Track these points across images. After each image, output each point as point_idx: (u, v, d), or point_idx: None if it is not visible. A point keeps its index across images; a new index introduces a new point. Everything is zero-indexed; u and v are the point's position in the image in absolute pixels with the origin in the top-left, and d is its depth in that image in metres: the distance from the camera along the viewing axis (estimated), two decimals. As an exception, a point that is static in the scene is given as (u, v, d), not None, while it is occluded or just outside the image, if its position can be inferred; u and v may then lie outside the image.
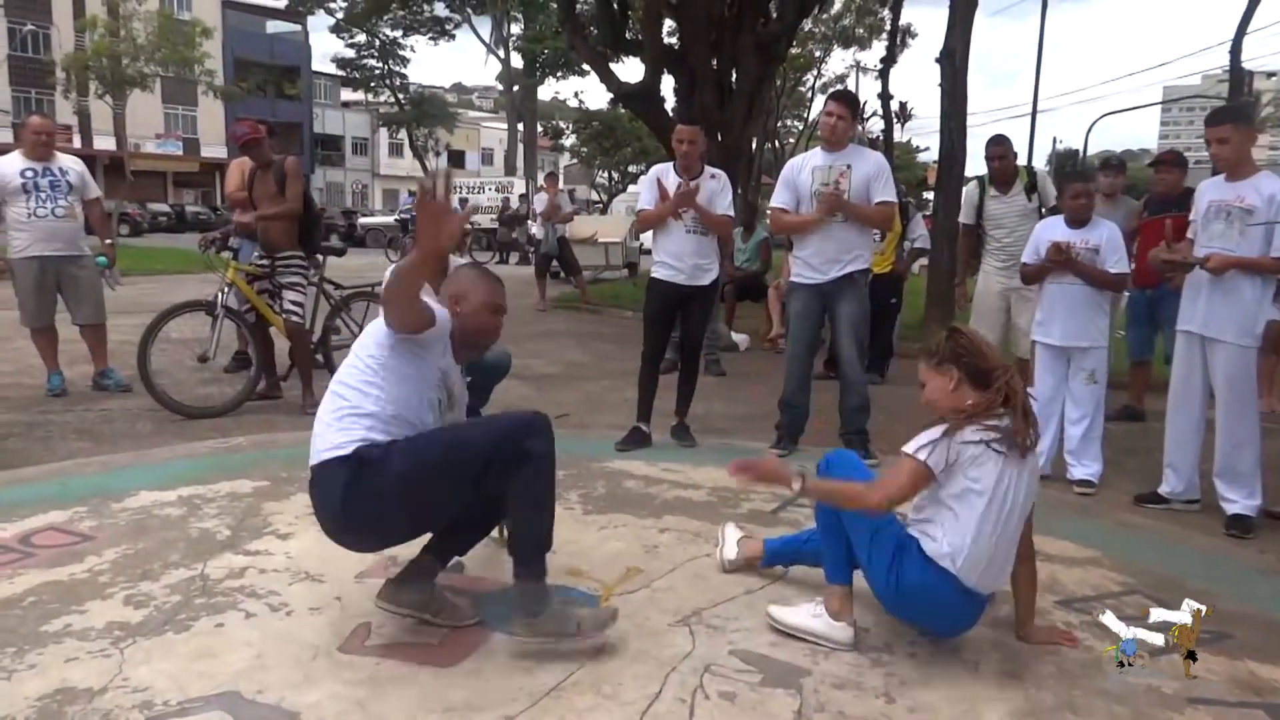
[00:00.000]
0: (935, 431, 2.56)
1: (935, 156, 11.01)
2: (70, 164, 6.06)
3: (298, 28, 49.63)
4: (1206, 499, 4.22)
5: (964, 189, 6.35)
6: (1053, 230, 4.70)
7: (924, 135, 58.85)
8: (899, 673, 2.60)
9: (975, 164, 6.14)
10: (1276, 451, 4.41)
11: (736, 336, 9.29)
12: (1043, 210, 5.59)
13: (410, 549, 3.38)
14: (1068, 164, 35.90)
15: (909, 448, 2.57)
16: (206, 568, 3.20)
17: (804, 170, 4.84)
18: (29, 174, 5.81)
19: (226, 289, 5.68)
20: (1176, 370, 4.25)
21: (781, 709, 2.38)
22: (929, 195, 17.48)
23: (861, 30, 30.53)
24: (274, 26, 49.41)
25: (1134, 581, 3.35)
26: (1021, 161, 6.81)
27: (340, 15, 40.86)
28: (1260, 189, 3.91)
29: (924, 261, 9.54)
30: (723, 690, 2.46)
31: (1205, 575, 3.43)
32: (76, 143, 34.22)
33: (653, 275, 5.14)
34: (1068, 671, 2.64)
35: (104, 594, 2.96)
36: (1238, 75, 14.06)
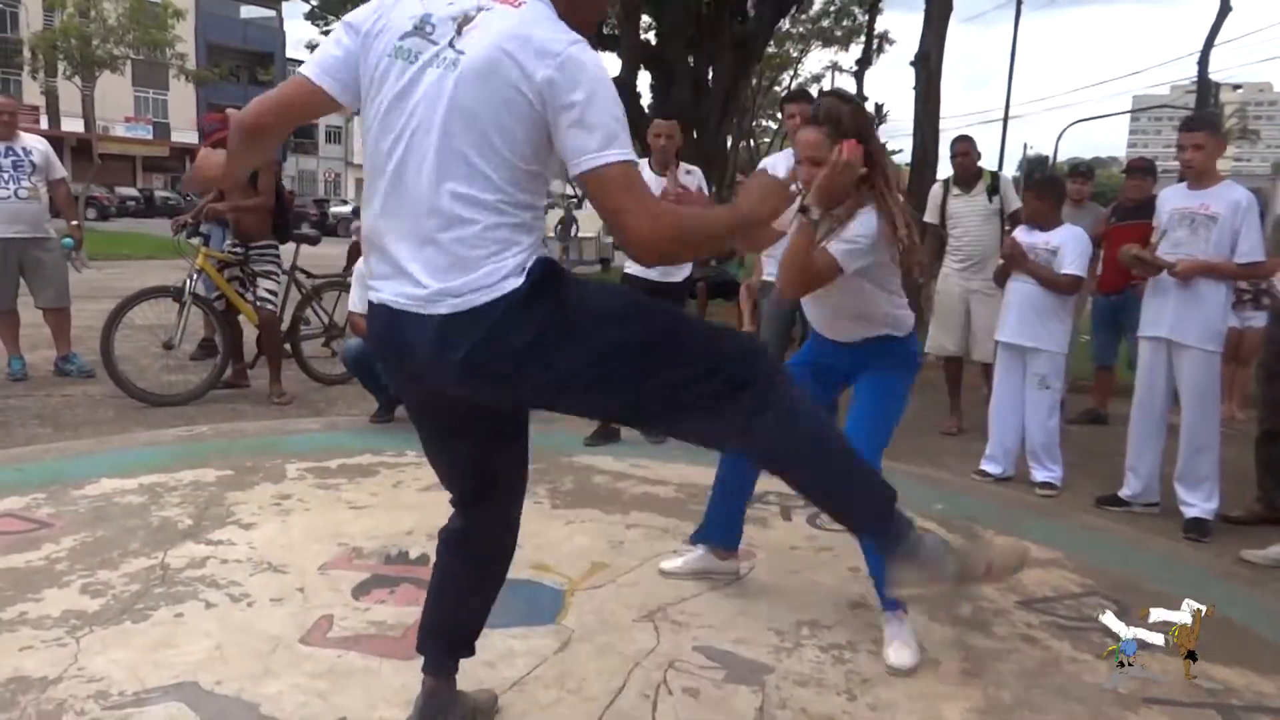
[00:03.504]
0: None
1: (908, 159, 11.09)
2: (34, 144, 5.95)
3: (272, 13, 48.99)
4: (1166, 502, 4.28)
5: (931, 189, 6.39)
6: (1022, 233, 4.80)
7: (898, 138, 59.35)
8: (860, 670, 2.62)
9: (948, 167, 6.17)
10: (1234, 457, 4.48)
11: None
12: (1004, 214, 5.65)
13: (378, 540, 3.37)
14: (1037, 170, 36.29)
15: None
16: (167, 557, 3.16)
17: (778, 170, 4.85)
18: (-9, 154, 5.70)
19: (195, 275, 5.60)
20: (1140, 376, 4.31)
21: (744, 705, 2.39)
22: (901, 197, 17.60)
23: (840, 32, 30.63)
24: (248, 11, 48.76)
25: (1093, 583, 3.39)
26: (993, 166, 6.86)
27: (315, 2, 40.44)
28: (1224, 197, 3.98)
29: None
30: (686, 686, 2.47)
31: (1163, 577, 3.48)
32: (44, 124, 33.58)
33: (625, 271, 5.14)
34: (1027, 670, 2.67)
35: (61, 582, 2.91)
36: (1205, 86, 14.28)
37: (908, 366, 2.89)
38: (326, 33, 44.91)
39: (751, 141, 34.23)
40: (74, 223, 6.28)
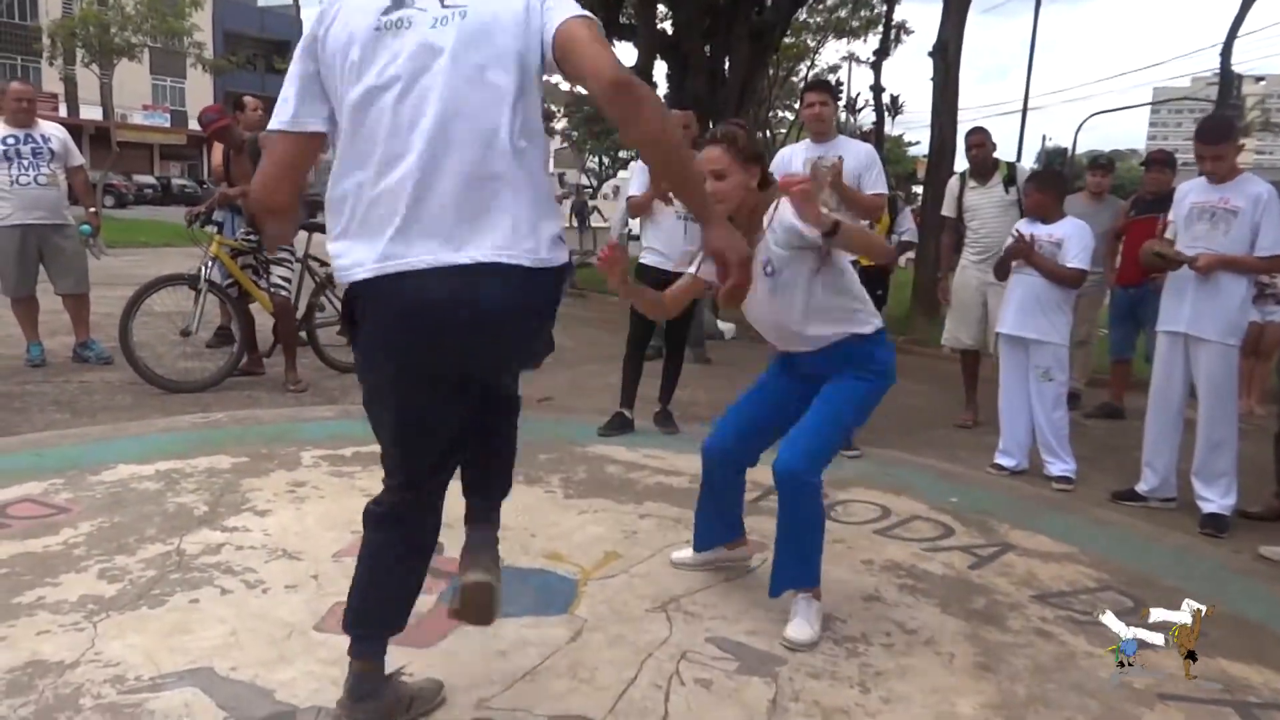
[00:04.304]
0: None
1: (925, 151, 11.02)
2: (52, 131, 5.98)
3: (289, 1, 49.10)
4: (1183, 497, 4.26)
5: (948, 182, 6.35)
6: (1024, 226, 4.78)
7: (915, 129, 58.98)
8: (874, 663, 2.62)
9: (965, 159, 6.12)
10: (1252, 452, 4.45)
11: (722, 325, 9.29)
12: (1021, 205, 5.62)
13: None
14: (1056, 162, 36.01)
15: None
16: (183, 543, 3.18)
17: (794, 161, 4.83)
18: (10, 141, 5.73)
19: (210, 263, 5.63)
20: (1157, 370, 4.27)
21: (757, 697, 2.39)
22: (918, 189, 17.54)
23: (857, 22, 30.42)
24: (265, 0, 48.88)
25: (1109, 577, 3.37)
26: (1010, 158, 6.81)
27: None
28: (1244, 190, 3.94)
29: (911, 255, 9.56)
30: (699, 677, 2.47)
31: (1179, 573, 3.46)
32: (62, 111, 33.80)
33: (641, 261, 5.12)
34: (1041, 665, 2.66)
35: (78, 567, 2.93)
36: (1227, 78, 14.10)
37: (874, 370, 2.81)
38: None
39: (768, 132, 34.07)
40: (92, 210, 6.31)
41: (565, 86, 41.09)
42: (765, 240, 2.74)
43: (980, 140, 5.80)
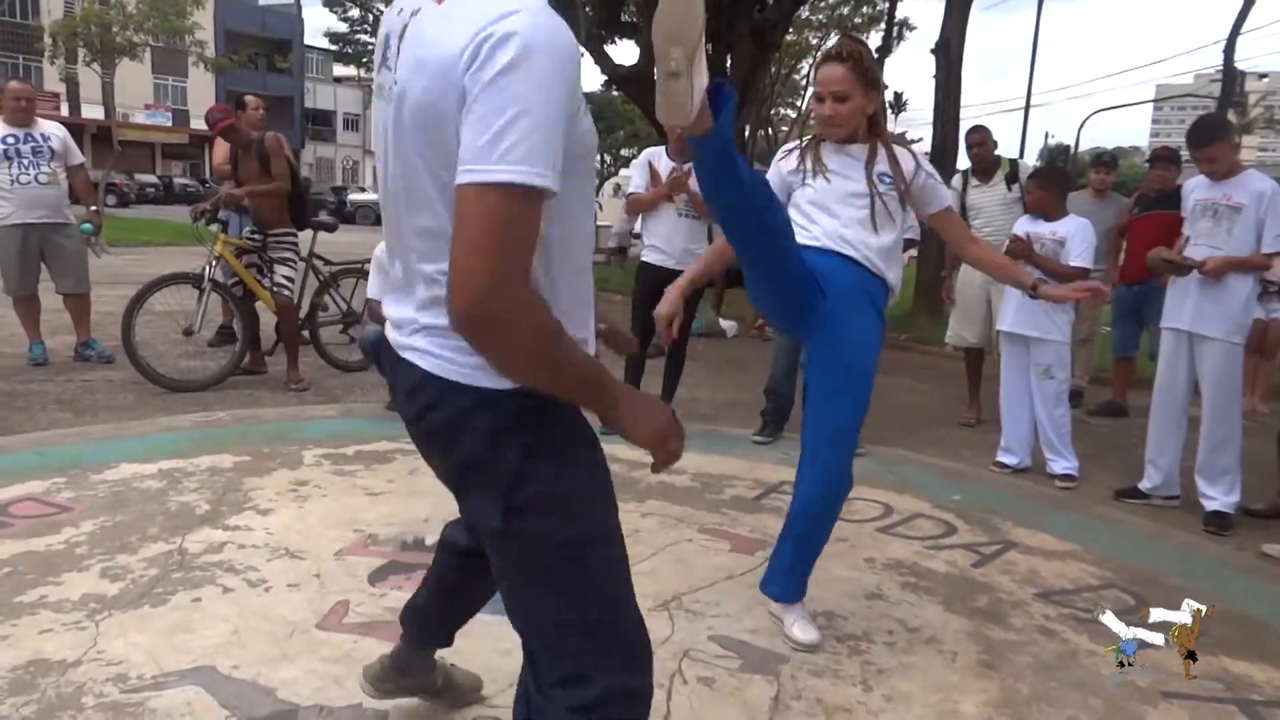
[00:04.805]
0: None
1: (928, 148, 10.99)
2: (52, 130, 5.98)
3: (290, 0, 49.12)
4: (1186, 495, 4.25)
5: (951, 181, 6.33)
6: (1026, 224, 4.77)
7: (917, 127, 58.97)
8: (876, 661, 2.61)
9: (967, 157, 6.11)
10: (1256, 450, 4.44)
11: (725, 323, 9.29)
12: (1024, 202, 5.60)
13: (394, 527, 3.38)
14: (1059, 159, 35.96)
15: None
16: (185, 542, 3.18)
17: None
18: (10, 140, 5.73)
19: (214, 262, 5.63)
20: (1162, 368, 4.27)
21: (759, 695, 2.39)
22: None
23: (859, 19, 30.39)
24: (266, -1, 48.95)
25: (1112, 575, 3.37)
26: (1015, 155, 6.80)
27: (333, -12, 40.41)
28: (1248, 187, 3.93)
29: (913, 253, 9.55)
30: (701, 675, 2.46)
31: (1183, 571, 3.45)
32: (64, 111, 33.81)
33: (643, 259, 5.12)
34: (1044, 663, 2.65)
35: (80, 566, 2.93)
36: (1230, 75, 14.08)
37: (875, 309, 2.71)
38: (345, 20, 44.04)
39: (770, 130, 34.06)
40: (93, 208, 6.31)
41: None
42: (889, 166, 2.75)
43: (981, 139, 5.79)
